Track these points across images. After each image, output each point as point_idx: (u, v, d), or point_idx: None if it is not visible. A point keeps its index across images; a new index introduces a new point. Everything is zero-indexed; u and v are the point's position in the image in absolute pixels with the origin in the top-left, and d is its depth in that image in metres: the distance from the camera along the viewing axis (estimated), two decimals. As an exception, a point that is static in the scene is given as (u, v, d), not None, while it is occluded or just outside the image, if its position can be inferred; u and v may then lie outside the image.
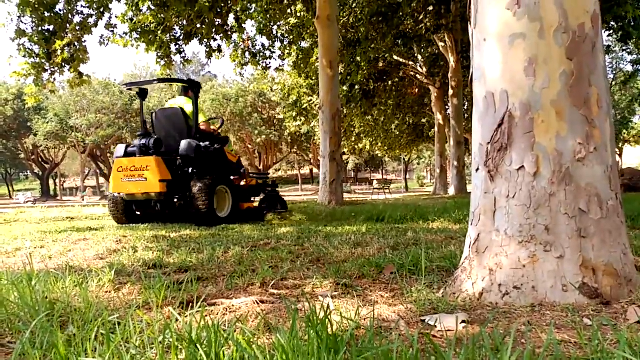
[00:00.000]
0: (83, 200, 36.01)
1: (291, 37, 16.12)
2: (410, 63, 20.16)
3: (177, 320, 1.51)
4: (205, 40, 14.12)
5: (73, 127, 43.40)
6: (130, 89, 7.27)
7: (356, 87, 18.09)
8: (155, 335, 1.31)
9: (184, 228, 5.40)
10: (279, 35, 16.54)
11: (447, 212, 6.12)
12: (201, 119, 6.73)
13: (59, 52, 11.47)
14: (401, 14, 13.72)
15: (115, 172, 6.24)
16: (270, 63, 16.43)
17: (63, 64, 11.84)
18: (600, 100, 1.88)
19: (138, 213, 6.50)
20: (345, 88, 17.90)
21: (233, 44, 15.88)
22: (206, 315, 1.70)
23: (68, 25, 11.44)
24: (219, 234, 4.73)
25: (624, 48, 24.25)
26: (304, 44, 16.69)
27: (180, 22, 13.65)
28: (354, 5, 14.91)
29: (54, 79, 12.41)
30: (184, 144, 6.25)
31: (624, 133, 32.35)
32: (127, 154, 6.30)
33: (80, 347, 1.27)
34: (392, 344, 1.13)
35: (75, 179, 71.20)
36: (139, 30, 12.92)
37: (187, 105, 6.70)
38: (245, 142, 36.67)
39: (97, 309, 1.69)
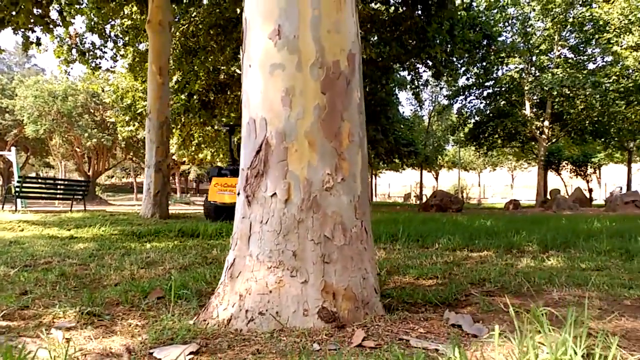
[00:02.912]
0: None
1: (127, 38, 15.19)
2: (252, 78, 20.30)
3: None
4: (22, 30, 12.59)
5: None
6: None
7: (194, 96, 17.67)
8: None
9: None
10: (112, 35, 15.47)
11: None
12: None
13: None
14: (240, 29, 13.75)
15: (212, 186, 8.83)
16: (100, 63, 15.23)
17: None
18: (351, 134, 2.01)
19: (225, 214, 8.44)
20: (183, 97, 17.37)
21: (58, 39, 14.45)
22: None
23: None
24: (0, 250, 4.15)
25: (436, 84, 27.41)
26: (142, 46, 15.84)
27: (-10, 7, 11.98)
28: (194, 14, 14.58)
29: None
30: None
31: (439, 159, 36.39)
32: (220, 175, 8.90)
33: None
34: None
35: None
36: None
37: None
38: (74, 145, 33.38)
39: None
